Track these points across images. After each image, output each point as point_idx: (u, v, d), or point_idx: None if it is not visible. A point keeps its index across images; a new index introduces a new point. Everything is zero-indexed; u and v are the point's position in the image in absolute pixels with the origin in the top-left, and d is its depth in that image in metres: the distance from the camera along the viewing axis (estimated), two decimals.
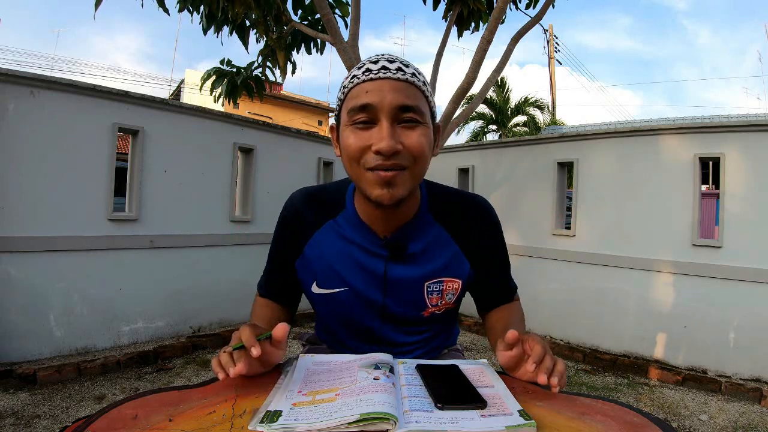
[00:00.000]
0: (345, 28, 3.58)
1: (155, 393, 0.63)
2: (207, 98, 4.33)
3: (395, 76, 0.65)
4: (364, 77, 0.66)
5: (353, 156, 0.66)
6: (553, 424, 0.56)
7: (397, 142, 0.64)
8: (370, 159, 0.65)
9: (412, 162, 0.67)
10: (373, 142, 0.64)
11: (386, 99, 0.64)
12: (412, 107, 0.65)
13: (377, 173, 0.65)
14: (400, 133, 0.65)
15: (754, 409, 2.53)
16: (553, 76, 14.07)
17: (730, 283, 2.91)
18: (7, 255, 2.57)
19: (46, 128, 2.70)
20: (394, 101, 0.64)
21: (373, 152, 0.64)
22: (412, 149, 0.66)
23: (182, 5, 3.38)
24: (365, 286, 0.78)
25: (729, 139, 3.00)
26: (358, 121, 0.66)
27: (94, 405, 2.26)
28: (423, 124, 0.67)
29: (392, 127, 0.65)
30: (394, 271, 0.77)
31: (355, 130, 0.66)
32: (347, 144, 0.67)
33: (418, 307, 0.80)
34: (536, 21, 3.47)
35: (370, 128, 0.65)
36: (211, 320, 3.53)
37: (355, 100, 0.66)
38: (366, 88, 0.65)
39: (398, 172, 0.65)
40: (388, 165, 0.64)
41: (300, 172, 4.18)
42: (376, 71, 0.66)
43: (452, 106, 3.27)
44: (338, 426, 0.51)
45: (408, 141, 0.65)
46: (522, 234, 3.98)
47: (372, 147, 0.64)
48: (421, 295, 0.79)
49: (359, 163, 0.66)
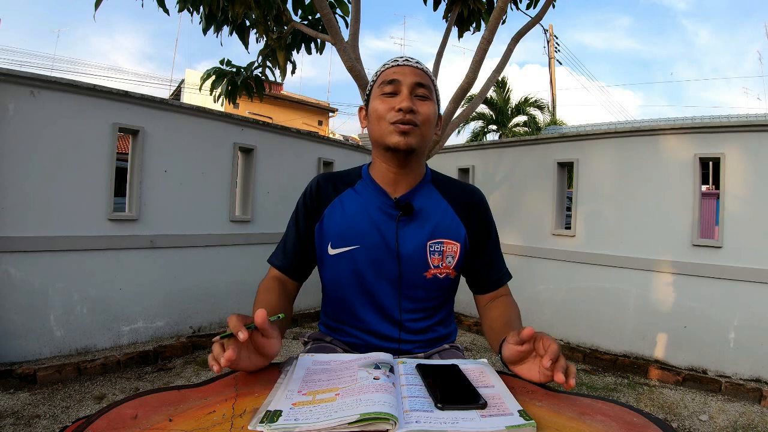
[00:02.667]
0: (345, 28, 3.58)
1: (155, 393, 0.63)
2: (207, 98, 4.33)
3: (414, 65, 0.90)
4: (393, 64, 0.91)
5: (381, 114, 0.88)
6: (553, 424, 0.56)
7: (414, 105, 0.86)
8: (392, 115, 0.86)
9: (422, 122, 0.87)
10: (395, 104, 0.86)
11: (407, 77, 0.88)
12: (424, 85, 0.88)
13: (397, 125, 0.86)
14: (415, 101, 0.87)
15: (754, 409, 2.53)
16: (553, 76, 14.07)
17: (730, 283, 2.91)
18: (7, 255, 2.57)
19: (46, 128, 2.70)
20: (412, 78, 0.88)
21: (395, 110, 0.86)
22: (422, 113, 0.88)
23: (182, 5, 3.37)
24: (378, 243, 0.90)
25: (729, 139, 3.00)
26: (386, 91, 0.88)
27: (94, 405, 2.26)
28: (431, 100, 0.90)
29: (410, 95, 0.87)
30: (403, 229, 0.90)
31: (383, 98, 0.88)
32: (377, 107, 0.88)
33: (422, 266, 0.90)
34: (536, 21, 3.47)
35: (394, 96, 0.88)
36: (211, 320, 3.53)
37: (385, 77, 0.89)
38: (394, 70, 0.89)
39: (412, 127, 0.86)
40: (405, 119, 0.85)
41: (300, 172, 4.18)
42: (401, 61, 0.91)
43: (452, 106, 3.26)
44: (338, 426, 0.51)
45: (420, 108, 0.87)
46: (522, 234, 3.98)
47: (395, 107, 0.86)
48: (425, 255, 0.90)
49: (384, 119, 0.87)
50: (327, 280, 0.96)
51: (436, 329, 0.96)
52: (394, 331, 0.92)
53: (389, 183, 0.92)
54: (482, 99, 3.90)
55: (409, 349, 0.93)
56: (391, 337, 0.92)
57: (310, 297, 4.18)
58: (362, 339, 0.94)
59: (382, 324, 0.92)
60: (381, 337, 0.92)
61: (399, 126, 0.85)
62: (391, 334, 0.92)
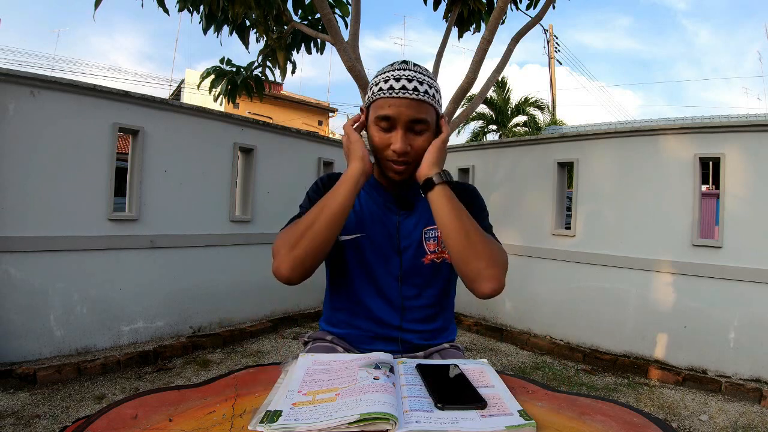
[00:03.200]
0: (345, 28, 3.58)
1: (155, 393, 0.63)
2: (207, 98, 4.33)
3: (411, 96, 0.86)
4: (388, 94, 0.87)
5: (377, 147, 0.90)
6: (553, 424, 0.57)
7: (407, 145, 0.87)
8: (389, 154, 0.88)
9: (415, 158, 0.89)
10: (391, 142, 0.88)
11: (403, 114, 0.86)
12: (420, 120, 0.87)
13: (392, 164, 0.89)
14: (411, 137, 0.88)
15: (754, 409, 2.53)
16: (553, 76, 14.07)
17: (730, 283, 2.91)
18: (7, 255, 2.57)
19: (46, 128, 2.70)
20: (408, 116, 0.86)
21: (390, 150, 0.88)
22: (417, 150, 0.89)
23: (182, 5, 3.37)
24: (381, 235, 0.95)
25: (729, 139, 3.00)
26: (381, 126, 0.88)
27: (94, 405, 2.26)
28: (428, 132, 0.90)
29: (405, 134, 0.87)
30: (403, 222, 0.96)
31: (379, 131, 0.89)
32: (373, 140, 0.90)
33: (420, 253, 0.95)
34: (536, 21, 3.47)
35: (390, 132, 0.88)
36: (211, 320, 3.53)
37: (380, 110, 0.88)
38: (389, 102, 0.87)
39: (406, 166, 0.89)
40: (400, 161, 0.88)
41: (300, 172, 4.18)
42: (397, 90, 0.86)
43: (452, 106, 3.27)
44: (338, 426, 0.51)
45: (415, 144, 0.88)
46: (522, 234, 3.98)
47: (390, 146, 0.88)
48: (421, 241, 0.95)
49: (381, 153, 0.90)
50: (334, 266, 0.99)
51: (436, 321, 0.98)
52: (395, 317, 0.94)
53: (391, 185, 0.97)
54: (482, 99, 3.90)
55: (410, 339, 0.95)
56: (393, 325, 0.94)
57: (310, 297, 4.18)
58: (364, 327, 0.95)
59: (384, 310, 0.94)
60: (383, 324, 0.94)
61: (394, 165, 0.89)
62: (393, 321, 0.94)
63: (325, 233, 0.82)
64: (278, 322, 3.83)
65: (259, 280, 3.66)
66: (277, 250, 0.84)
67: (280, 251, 0.83)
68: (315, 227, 0.82)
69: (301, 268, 0.81)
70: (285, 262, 0.81)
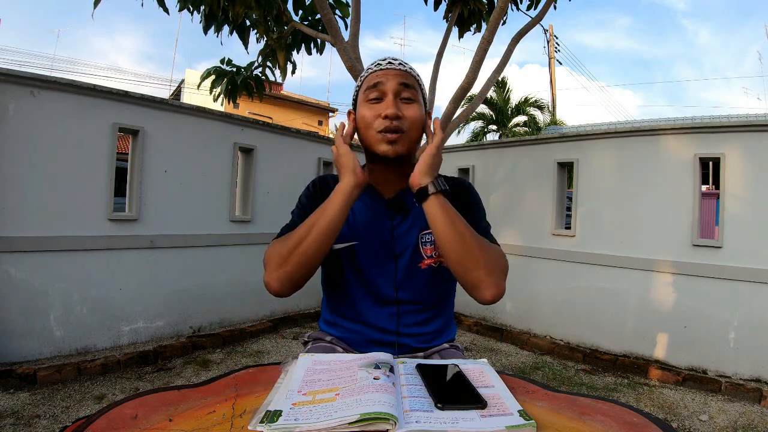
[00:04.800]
0: (345, 29, 3.58)
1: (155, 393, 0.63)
2: (207, 98, 4.33)
3: (397, 68, 0.90)
4: (376, 68, 0.91)
5: (368, 123, 0.88)
6: (553, 424, 0.57)
7: (399, 110, 0.86)
8: (379, 123, 0.86)
9: (408, 127, 0.88)
10: (381, 111, 0.86)
11: (391, 80, 0.88)
12: (409, 85, 0.89)
13: (384, 135, 0.86)
14: (401, 105, 0.88)
15: (754, 409, 2.53)
16: (553, 76, 14.07)
17: (730, 283, 2.91)
18: (7, 255, 2.57)
19: (46, 128, 2.70)
20: (396, 81, 0.88)
21: (381, 117, 0.86)
22: (408, 118, 0.88)
23: (182, 5, 3.37)
24: (375, 241, 0.93)
25: (729, 139, 3.00)
26: (371, 97, 0.88)
27: (94, 405, 2.26)
28: (417, 102, 0.90)
29: (395, 100, 0.87)
30: (398, 227, 0.94)
31: (369, 105, 0.89)
32: (363, 115, 0.89)
33: (417, 258, 0.92)
34: (537, 21, 3.47)
35: (380, 102, 0.88)
36: (211, 320, 3.53)
37: (369, 81, 0.90)
38: (377, 74, 0.89)
39: (399, 135, 0.87)
40: (392, 127, 0.86)
41: (300, 172, 4.18)
42: (384, 65, 0.91)
43: (452, 106, 3.26)
44: (338, 426, 0.51)
45: (406, 112, 0.88)
46: (522, 234, 3.98)
47: (381, 114, 0.86)
48: (417, 246, 0.92)
49: (372, 127, 0.87)
50: (328, 274, 0.98)
51: (434, 322, 0.96)
52: (392, 323, 0.93)
53: (382, 184, 0.94)
54: (482, 99, 3.90)
55: (408, 342, 0.93)
56: (389, 330, 0.93)
57: (310, 297, 4.18)
58: (361, 333, 0.94)
59: (380, 315, 0.93)
60: (379, 329, 0.93)
61: (386, 135, 0.86)
62: (389, 327, 0.93)
63: (315, 250, 0.81)
64: (278, 322, 3.83)
65: (259, 280, 3.58)
66: (267, 262, 0.84)
67: (269, 264, 0.83)
68: (305, 244, 0.81)
69: (290, 284, 0.82)
70: (274, 278, 0.82)
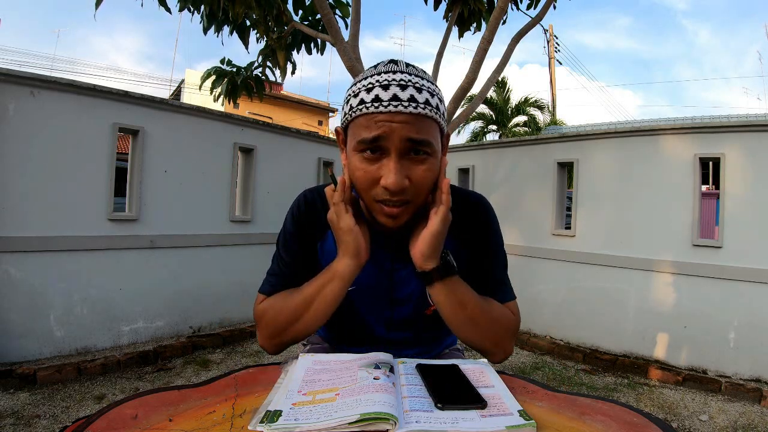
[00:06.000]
0: (345, 28, 3.58)
1: (155, 393, 0.63)
2: (207, 98, 4.33)
3: (407, 110, 0.62)
4: (374, 108, 0.62)
5: (361, 183, 0.66)
6: (553, 424, 0.56)
7: (404, 178, 0.63)
8: (378, 192, 0.65)
9: (416, 195, 0.66)
10: (381, 175, 0.63)
11: (396, 134, 0.62)
12: (421, 141, 0.63)
13: (383, 207, 0.66)
14: (408, 166, 0.64)
15: (754, 409, 2.53)
16: (553, 76, 14.07)
17: (730, 283, 2.91)
18: (7, 255, 2.57)
19: (46, 128, 2.70)
20: (403, 134, 0.62)
21: (380, 187, 0.64)
22: (418, 184, 0.65)
23: (183, 4, 3.37)
24: (374, 283, 0.79)
25: (729, 139, 3.00)
26: (367, 153, 0.64)
27: (94, 405, 2.26)
28: (431, 156, 0.65)
29: (400, 163, 0.63)
30: (400, 269, 0.78)
31: (363, 160, 0.65)
32: (355, 173, 0.66)
33: (421, 304, 0.80)
34: (537, 21, 3.47)
35: (379, 159, 0.64)
36: (211, 320, 3.53)
37: (363, 131, 0.63)
38: (375, 119, 0.62)
39: (403, 207, 0.66)
40: (394, 201, 0.65)
41: (300, 172, 4.18)
42: (386, 102, 0.62)
43: (452, 106, 3.27)
44: (338, 426, 0.51)
45: (415, 176, 0.64)
46: (522, 234, 3.98)
47: (380, 181, 0.64)
48: (424, 294, 0.77)
49: (367, 192, 0.66)
50: None
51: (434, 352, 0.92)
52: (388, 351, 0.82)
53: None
54: (482, 99, 3.90)
55: None
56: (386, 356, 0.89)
57: None
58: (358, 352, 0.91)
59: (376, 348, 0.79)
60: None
61: (385, 209, 0.66)
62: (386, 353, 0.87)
63: (310, 327, 0.74)
64: None
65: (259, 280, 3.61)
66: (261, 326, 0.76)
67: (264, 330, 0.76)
68: (301, 323, 0.73)
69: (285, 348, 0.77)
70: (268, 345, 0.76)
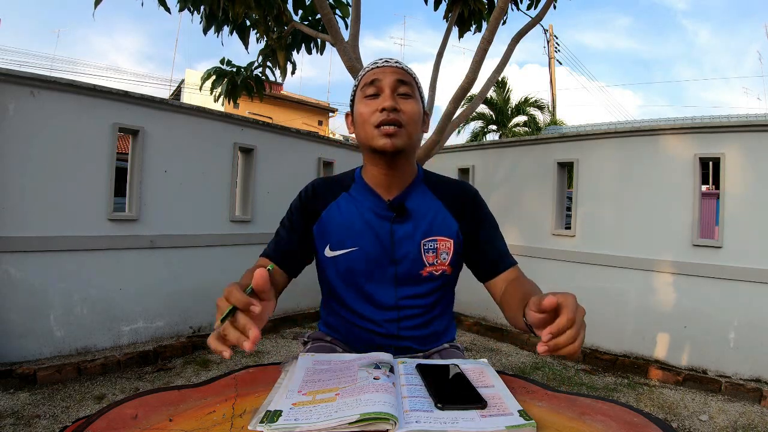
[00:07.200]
0: (345, 29, 3.58)
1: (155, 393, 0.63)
2: (207, 98, 4.33)
3: (394, 65, 0.91)
4: (373, 66, 0.91)
5: (365, 118, 0.88)
6: (553, 424, 0.57)
7: (396, 103, 0.86)
8: (376, 117, 0.86)
9: (407, 122, 0.87)
10: (379, 105, 0.86)
11: (388, 76, 0.88)
12: (406, 82, 0.89)
13: (382, 128, 0.86)
14: (398, 100, 0.87)
15: (754, 409, 2.53)
16: (553, 76, 14.07)
17: (730, 283, 2.91)
18: (7, 255, 2.57)
19: (46, 128, 2.70)
20: (393, 77, 0.88)
21: (378, 111, 0.86)
22: (406, 112, 0.87)
23: (183, 5, 3.37)
24: (374, 245, 0.91)
25: (729, 139, 3.00)
26: (368, 93, 0.89)
27: (94, 405, 2.26)
28: (414, 98, 0.90)
29: (393, 95, 0.87)
30: (398, 230, 0.92)
31: (366, 101, 0.89)
32: (361, 111, 0.89)
33: (418, 265, 0.91)
34: (537, 21, 3.47)
35: (377, 98, 0.88)
36: (211, 320, 3.53)
37: (366, 79, 0.90)
38: (374, 71, 0.90)
39: (397, 128, 0.86)
40: (390, 120, 0.85)
41: (300, 172, 4.18)
42: (381, 63, 0.91)
43: (452, 106, 3.26)
44: (338, 426, 0.51)
45: (404, 107, 0.87)
46: (522, 234, 3.98)
47: (378, 107, 0.86)
48: (419, 253, 0.91)
49: (369, 122, 0.87)
50: (324, 281, 0.98)
51: (434, 324, 0.97)
52: (392, 326, 0.93)
53: (382, 185, 0.93)
54: (482, 99, 3.90)
55: (407, 345, 0.94)
56: (389, 334, 0.93)
57: (310, 297, 4.18)
58: (359, 336, 0.94)
59: (379, 320, 0.93)
60: (379, 334, 0.93)
61: (384, 128, 0.85)
62: (389, 330, 0.93)
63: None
64: (278, 322, 3.83)
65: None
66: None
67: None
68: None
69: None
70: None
